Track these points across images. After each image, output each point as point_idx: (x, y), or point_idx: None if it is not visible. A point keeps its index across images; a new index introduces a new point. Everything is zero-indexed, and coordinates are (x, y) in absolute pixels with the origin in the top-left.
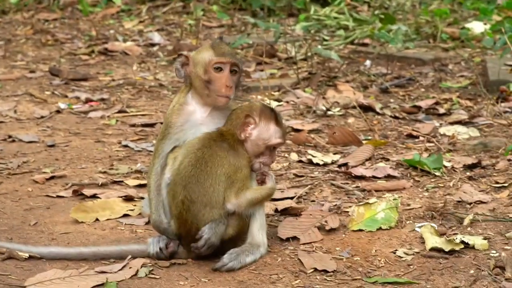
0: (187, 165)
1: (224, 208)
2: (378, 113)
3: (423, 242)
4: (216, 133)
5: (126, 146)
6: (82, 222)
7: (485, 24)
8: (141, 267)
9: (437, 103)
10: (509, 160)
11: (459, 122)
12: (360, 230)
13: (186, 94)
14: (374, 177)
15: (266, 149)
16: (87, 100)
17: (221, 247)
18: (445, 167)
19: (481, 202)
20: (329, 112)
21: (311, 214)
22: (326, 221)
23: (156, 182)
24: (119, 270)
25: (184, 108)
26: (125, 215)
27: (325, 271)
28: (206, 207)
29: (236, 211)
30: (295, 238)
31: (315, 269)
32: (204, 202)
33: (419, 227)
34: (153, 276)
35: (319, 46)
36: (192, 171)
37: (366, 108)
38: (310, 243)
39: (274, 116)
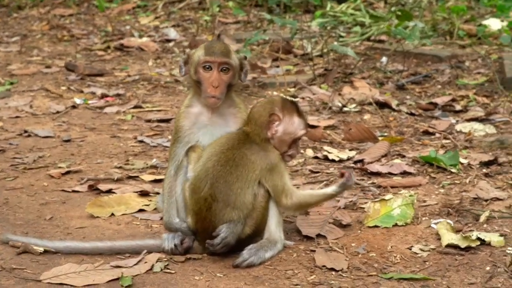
0: (216, 165)
1: (246, 210)
2: (394, 110)
3: (439, 239)
4: (242, 134)
5: (141, 141)
6: (97, 217)
7: (502, 21)
8: (156, 261)
9: (453, 100)
10: None
11: (475, 119)
12: (376, 226)
13: (191, 97)
14: (390, 173)
15: (292, 143)
16: (103, 96)
17: (236, 245)
18: (461, 164)
19: (497, 199)
20: (345, 109)
21: (322, 211)
22: (336, 217)
23: (169, 184)
24: (135, 264)
25: (190, 111)
26: (141, 210)
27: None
28: (228, 207)
29: (289, 209)
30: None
31: (325, 266)
32: (228, 202)
33: (435, 223)
34: (168, 271)
35: (335, 43)
36: (221, 171)
37: (382, 105)
38: (326, 238)
39: (296, 108)
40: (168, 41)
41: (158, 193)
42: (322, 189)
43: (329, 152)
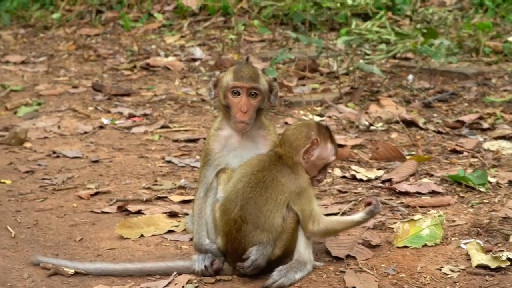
0: (246, 186)
1: (276, 232)
2: (421, 128)
3: (469, 259)
4: (273, 156)
5: (169, 161)
6: (127, 238)
7: None
8: (187, 283)
9: (480, 118)
10: None
11: (503, 137)
12: (405, 247)
13: (221, 120)
14: (418, 193)
15: (322, 168)
16: (130, 116)
17: (266, 267)
18: (490, 182)
19: None
20: (372, 127)
21: (351, 231)
22: (365, 238)
23: (199, 205)
24: (165, 286)
25: (220, 134)
26: (170, 231)
27: None
28: (257, 229)
29: (315, 235)
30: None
31: None
32: (257, 225)
33: (465, 243)
34: None
35: (361, 61)
36: (251, 193)
37: (409, 123)
38: (355, 259)
39: (329, 134)
40: (194, 60)
41: (187, 214)
42: (350, 215)
43: (356, 172)
